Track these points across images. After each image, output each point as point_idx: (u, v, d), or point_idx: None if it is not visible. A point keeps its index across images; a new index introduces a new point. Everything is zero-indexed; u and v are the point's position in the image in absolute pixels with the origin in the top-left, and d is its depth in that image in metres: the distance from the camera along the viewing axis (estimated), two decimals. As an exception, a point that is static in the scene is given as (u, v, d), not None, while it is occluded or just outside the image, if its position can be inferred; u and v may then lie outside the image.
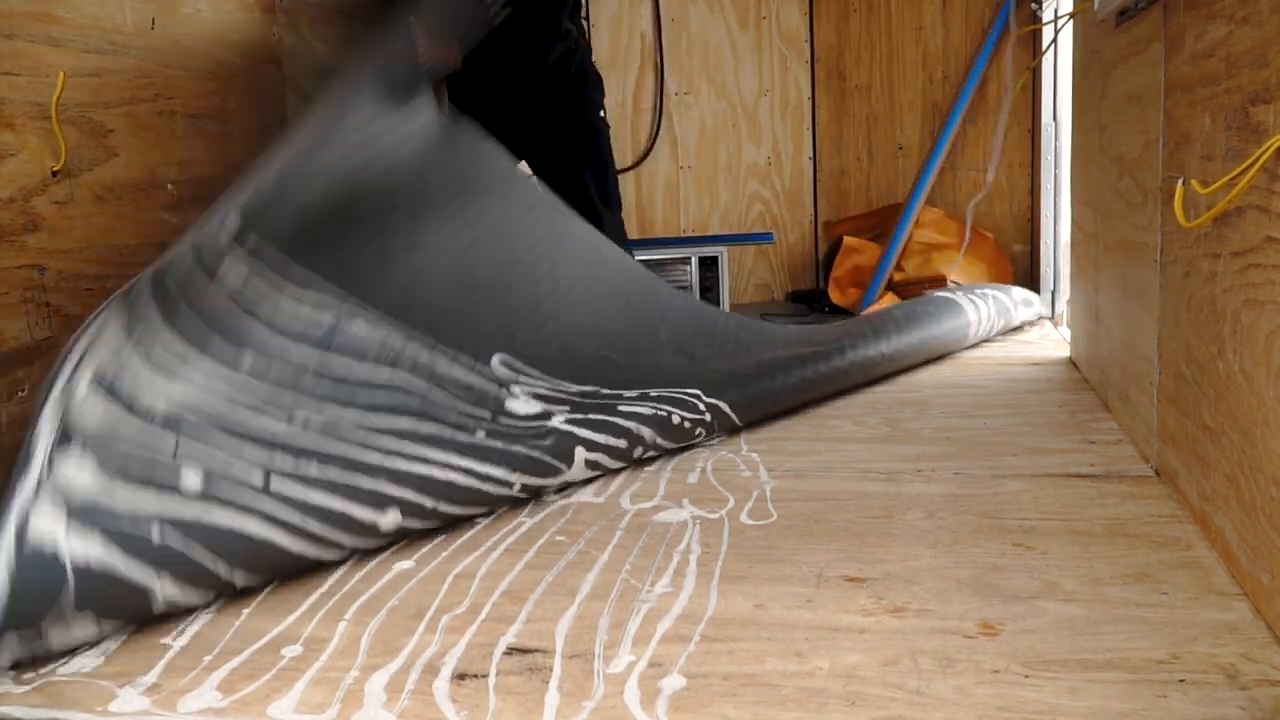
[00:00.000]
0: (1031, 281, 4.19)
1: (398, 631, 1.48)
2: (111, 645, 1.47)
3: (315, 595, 1.62)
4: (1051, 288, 4.00)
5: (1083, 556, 1.62)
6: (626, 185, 4.66)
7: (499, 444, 1.93)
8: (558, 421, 2.07)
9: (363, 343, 1.86)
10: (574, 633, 1.45)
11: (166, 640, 1.48)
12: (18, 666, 1.40)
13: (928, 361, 3.08)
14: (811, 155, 4.42)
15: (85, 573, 1.42)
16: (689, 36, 4.46)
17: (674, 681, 1.30)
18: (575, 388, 2.21)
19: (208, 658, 1.42)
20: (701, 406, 2.32)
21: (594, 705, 1.25)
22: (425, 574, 1.68)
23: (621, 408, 2.21)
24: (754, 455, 2.28)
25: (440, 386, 1.95)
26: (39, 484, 1.45)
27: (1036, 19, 3.95)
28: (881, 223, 4.21)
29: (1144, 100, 2.04)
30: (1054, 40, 3.64)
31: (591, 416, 2.13)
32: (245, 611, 1.57)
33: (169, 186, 2.07)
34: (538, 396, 2.11)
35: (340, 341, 1.83)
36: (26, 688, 1.36)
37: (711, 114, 4.51)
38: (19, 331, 1.72)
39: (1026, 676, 1.27)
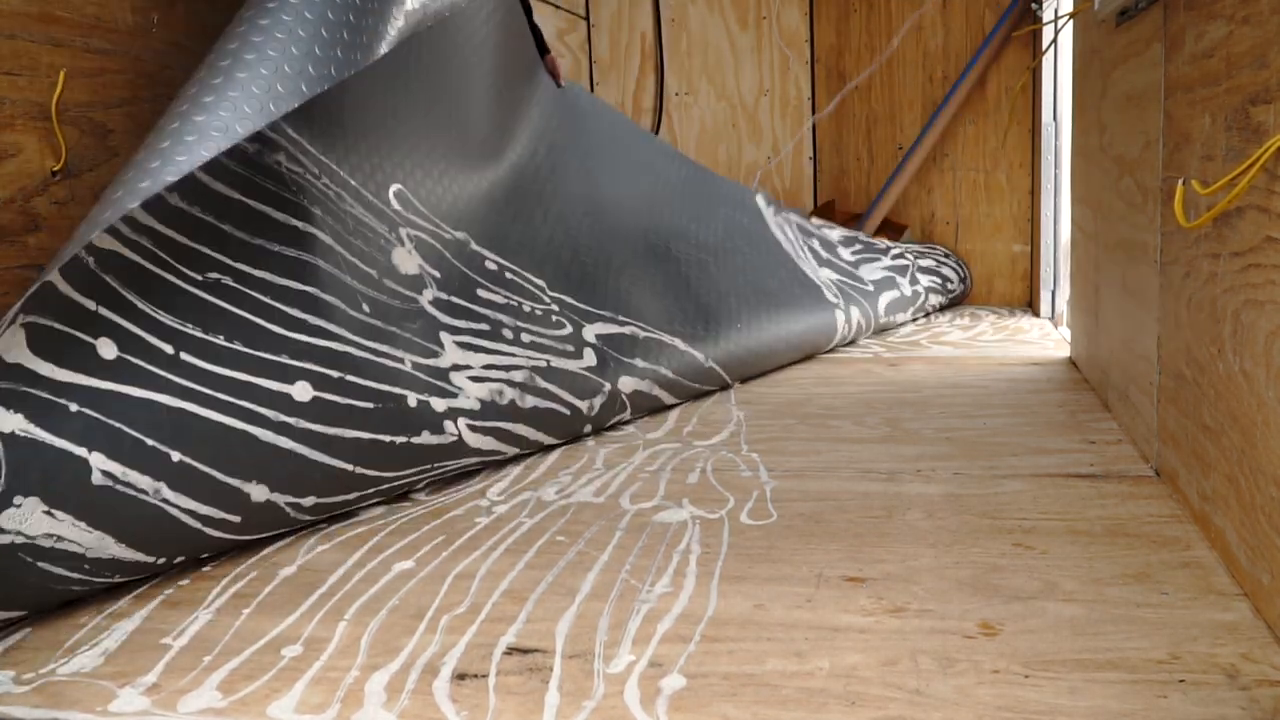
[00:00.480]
0: (1031, 281, 4.20)
1: (398, 631, 1.48)
2: (111, 645, 1.48)
3: (315, 595, 1.62)
4: (1051, 287, 4.01)
5: (1083, 556, 1.62)
6: (626, 185, 4.66)
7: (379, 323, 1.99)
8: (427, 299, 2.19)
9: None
10: (574, 633, 1.45)
11: (166, 640, 1.48)
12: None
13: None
14: (812, 155, 4.42)
15: (12, 440, 1.47)
16: (689, 36, 4.46)
17: (674, 681, 1.30)
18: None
19: (208, 658, 1.42)
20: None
21: (594, 705, 1.25)
22: (425, 574, 1.68)
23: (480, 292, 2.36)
24: (754, 455, 2.28)
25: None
26: None
27: (1036, 19, 3.95)
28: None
29: (1144, 100, 2.04)
30: (1054, 40, 3.64)
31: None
32: (245, 611, 1.57)
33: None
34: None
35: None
36: (26, 688, 1.36)
37: (711, 114, 4.51)
38: (19, 331, 1.72)
39: (1026, 676, 1.27)
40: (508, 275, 2.43)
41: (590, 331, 2.52)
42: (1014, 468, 2.09)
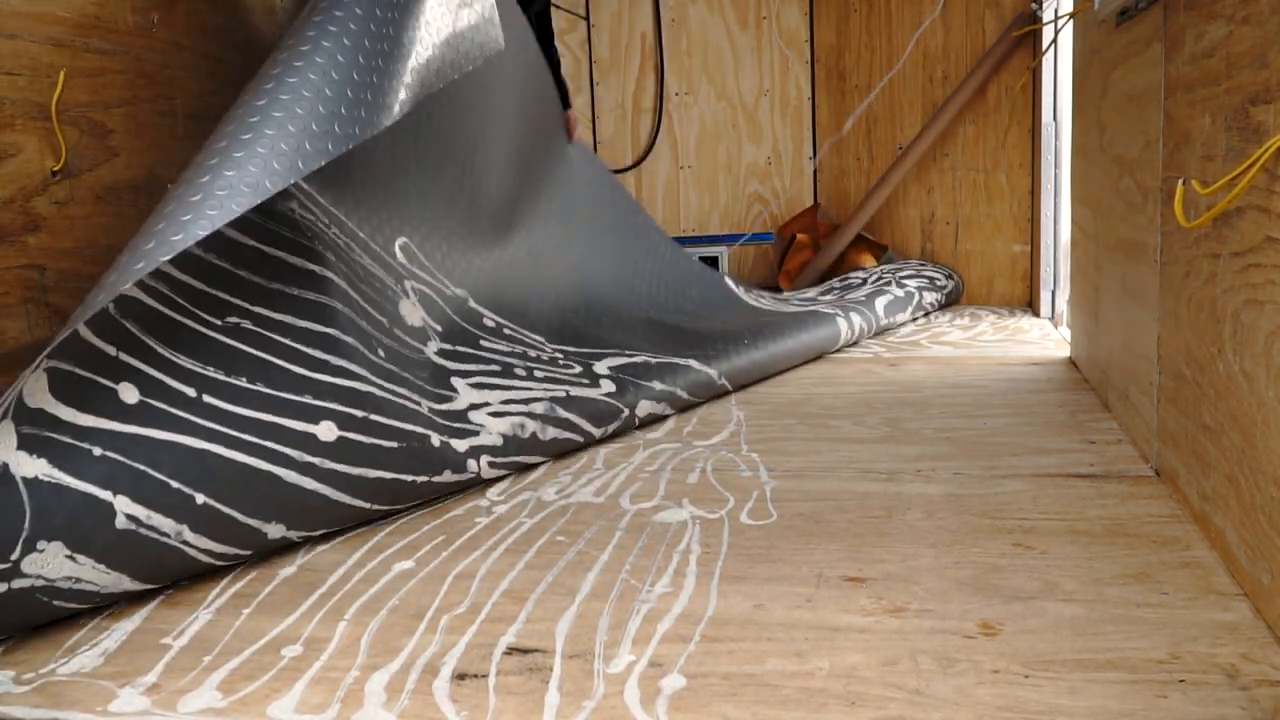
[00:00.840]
0: (1031, 281, 4.20)
1: (398, 631, 1.48)
2: (111, 645, 1.48)
3: (315, 595, 1.62)
4: (1051, 288, 4.01)
5: (1083, 556, 1.62)
6: (627, 185, 4.67)
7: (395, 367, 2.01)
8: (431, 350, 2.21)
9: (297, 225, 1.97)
10: (574, 633, 1.45)
11: (166, 640, 1.48)
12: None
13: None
14: (812, 155, 4.41)
15: (36, 485, 1.47)
16: (689, 36, 4.46)
17: (674, 681, 1.30)
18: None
19: (208, 658, 1.42)
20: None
21: (594, 705, 1.25)
22: (425, 574, 1.68)
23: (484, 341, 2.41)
24: (754, 455, 2.28)
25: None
26: None
27: (1037, 19, 3.95)
28: (830, 230, 4.28)
29: (1144, 100, 2.04)
30: (1054, 40, 3.64)
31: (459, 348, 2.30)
32: (245, 611, 1.57)
33: (169, 186, 2.07)
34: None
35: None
36: (26, 688, 1.36)
37: (711, 114, 4.51)
38: (19, 331, 1.72)
39: (1026, 676, 1.27)
40: (506, 331, 2.47)
41: (602, 365, 2.55)
42: (1014, 468, 2.09)
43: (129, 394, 1.63)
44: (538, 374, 2.39)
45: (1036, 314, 4.04)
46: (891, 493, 1.98)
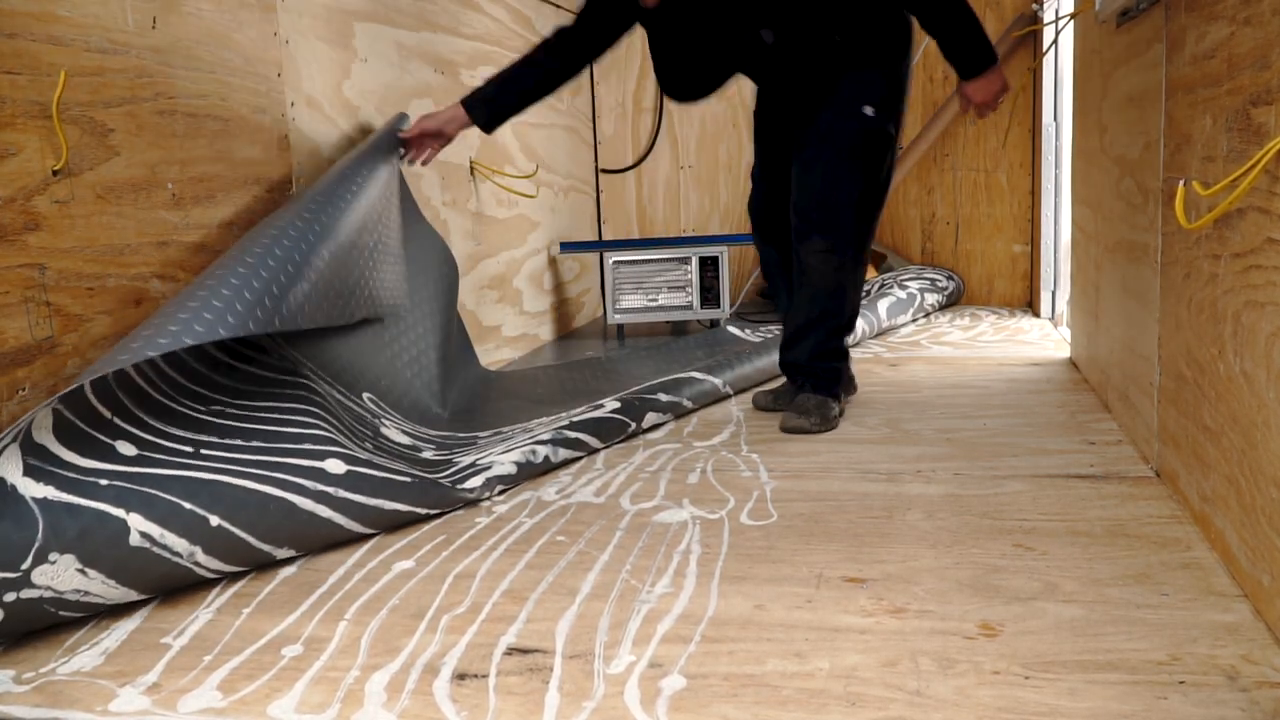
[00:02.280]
0: (1031, 281, 4.19)
1: (398, 631, 1.48)
2: (112, 644, 1.47)
3: (315, 595, 1.62)
4: (1051, 288, 4.01)
5: (1083, 557, 1.62)
6: (627, 185, 4.67)
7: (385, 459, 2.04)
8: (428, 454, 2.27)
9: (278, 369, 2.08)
10: (574, 633, 1.45)
11: (166, 640, 1.48)
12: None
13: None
14: (812, 155, 4.41)
15: (47, 504, 1.47)
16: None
17: (674, 682, 1.30)
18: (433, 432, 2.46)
19: (208, 657, 1.42)
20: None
21: (594, 705, 1.25)
22: (425, 574, 1.68)
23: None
24: (754, 455, 2.28)
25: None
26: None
27: (1037, 19, 3.95)
28: None
29: (1145, 101, 2.04)
30: (1055, 41, 3.64)
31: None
32: (245, 611, 1.57)
33: (169, 186, 2.07)
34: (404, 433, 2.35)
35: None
36: (26, 687, 1.36)
37: (711, 114, 4.50)
38: (19, 331, 1.72)
39: (1027, 678, 1.27)
40: (505, 431, 2.49)
41: (610, 403, 2.55)
42: (1014, 468, 2.09)
43: (127, 449, 1.64)
44: (535, 426, 2.46)
45: (1036, 314, 4.04)
46: (892, 493, 1.98)
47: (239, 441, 1.77)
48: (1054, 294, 3.98)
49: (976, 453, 2.21)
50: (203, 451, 1.71)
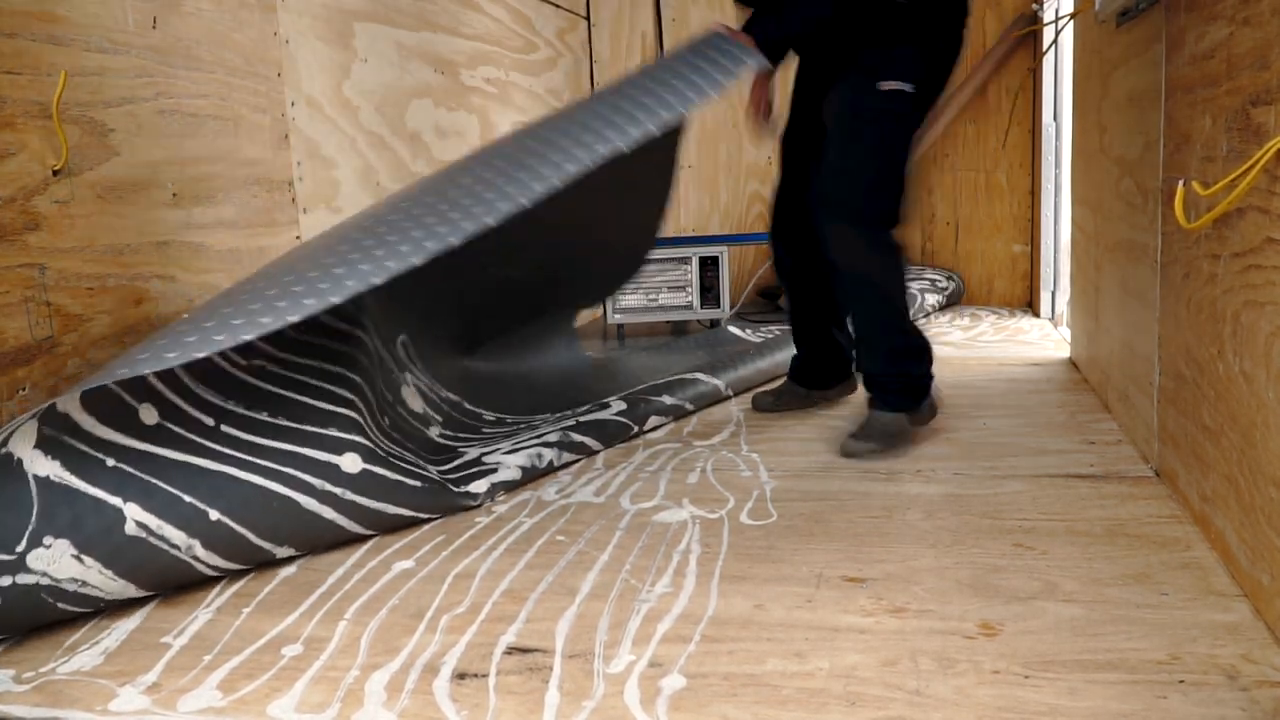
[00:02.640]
0: (1031, 281, 4.19)
1: (398, 631, 1.48)
2: (112, 644, 1.48)
3: (315, 595, 1.62)
4: (1051, 288, 4.01)
5: (1083, 557, 1.62)
6: (627, 185, 4.66)
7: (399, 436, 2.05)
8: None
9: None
10: (574, 632, 1.45)
11: (167, 639, 1.48)
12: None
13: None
14: (812, 155, 4.41)
15: (46, 484, 1.48)
16: (690, 36, 4.45)
17: (674, 681, 1.30)
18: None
19: (208, 657, 1.42)
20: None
21: (594, 705, 1.25)
22: (425, 574, 1.68)
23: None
24: (754, 455, 2.28)
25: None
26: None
27: (1037, 19, 3.95)
28: None
29: (1144, 101, 2.04)
30: (1054, 41, 3.64)
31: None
32: (245, 611, 1.57)
33: (169, 186, 2.07)
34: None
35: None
36: (26, 687, 1.36)
37: (712, 114, 4.50)
38: (19, 331, 1.72)
39: (1026, 677, 1.27)
40: (509, 420, 2.51)
41: (615, 404, 2.57)
42: (1014, 468, 2.09)
43: (149, 414, 1.64)
44: (538, 420, 2.47)
45: (1036, 314, 4.04)
46: (891, 493, 1.98)
47: (264, 416, 1.75)
48: (1054, 294, 3.98)
49: (976, 453, 2.21)
50: (222, 427, 1.70)
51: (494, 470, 2.09)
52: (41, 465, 1.50)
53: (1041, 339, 3.54)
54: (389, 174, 2.94)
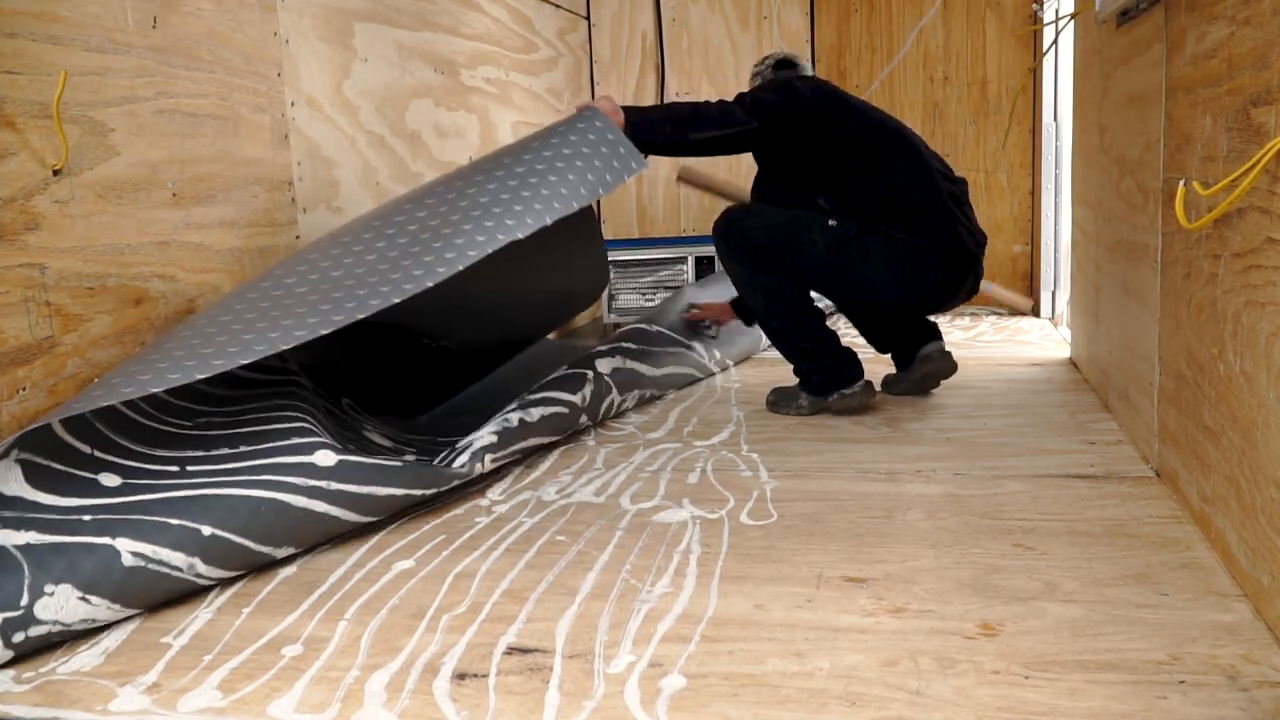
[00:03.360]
0: (1031, 281, 4.19)
1: (398, 631, 1.48)
2: (112, 644, 1.47)
3: (315, 595, 1.62)
4: (1051, 288, 4.01)
5: (1083, 557, 1.62)
6: (627, 184, 4.66)
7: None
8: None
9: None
10: (574, 633, 1.45)
11: (167, 639, 1.48)
12: (18, 662, 1.41)
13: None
14: (812, 155, 4.41)
15: (29, 549, 1.47)
16: (690, 36, 4.46)
17: (674, 681, 1.30)
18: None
19: (208, 657, 1.42)
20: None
21: (594, 705, 1.25)
22: (425, 574, 1.68)
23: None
24: (754, 455, 2.28)
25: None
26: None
27: (1037, 19, 3.95)
28: None
29: (1145, 101, 2.04)
30: (1055, 41, 3.64)
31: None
32: (245, 611, 1.57)
33: (169, 186, 2.07)
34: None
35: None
36: (26, 687, 1.36)
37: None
38: (19, 331, 1.72)
39: (1027, 677, 1.27)
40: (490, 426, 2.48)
41: (604, 364, 2.60)
42: (1014, 468, 2.09)
43: (110, 480, 1.64)
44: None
45: (1036, 314, 4.04)
46: (892, 493, 1.98)
47: (225, 450, 1.76)
48: (1054, 294, 3.98)
49: (976, 453, 2.21)
50: (188, 469, 1.70)
51: (469, 445, 2.08)
52: (17, 538, 1.48)
53: (1041, 339, 3.54)
54: (389, 174, 2.94)
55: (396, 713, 1.26)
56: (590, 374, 2.51)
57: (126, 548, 1.52)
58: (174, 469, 1.70)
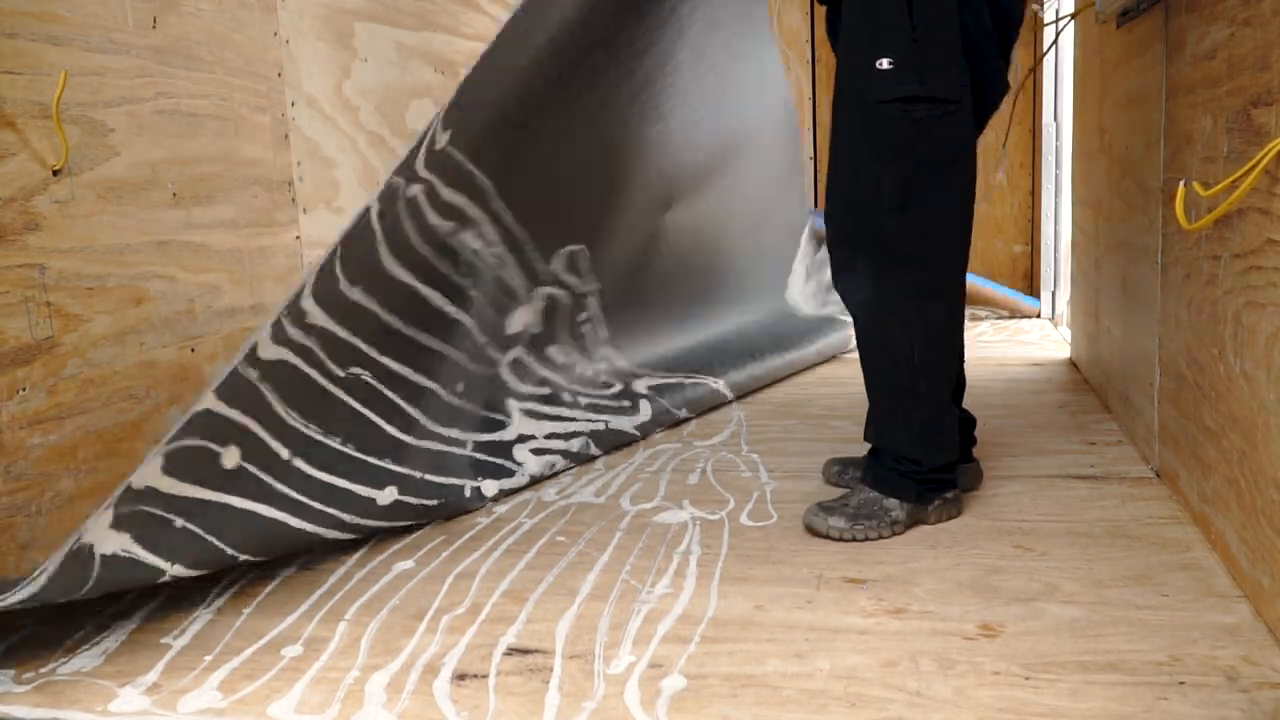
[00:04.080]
0: (1031, 282, 4.19)
1: (398, 631, 1.48)
2: (112, 644, 1.47)
3: (315, 595, 1.62)
4: (1051, 288, 4.01)
5: (1083, 558, 1.62)
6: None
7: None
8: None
9: None
10: (574, 633, 1.45)
11: (166, 640, 1.48)
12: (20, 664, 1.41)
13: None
14: (812, 155, 4.41)
15: (110, 561, 1.47)
16: None
17: (674, 682, 1.30)
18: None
19: (208, 657, 1.42)
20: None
21: (594, 706, 1.25)
22: (425, 574, 1.68)
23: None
24: (754, 456, 2.28)
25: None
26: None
27: (1037, 19, 3.95)
28: None
29: (1145, 101, 2.04)
30: (1055, 41, 3.64)
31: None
32: (245, 611, 1.57)
33: (169, 186, 2.07)
34: None
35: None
36: (26, 687, 1.36)
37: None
38: (19, 331, 1.72)
39: (1027, 678, 1.27)
40: (583, 328, 2.54)
41: (641, 384, 2.60)
42: (1014, 469, 2.09)
43: (230, 458, 1.64)
44: (582, 400, 2.44)
45: (1036, 315, 4.04)
46: (892, 493, 1.97)
47: (335, 443, 1.83)
48: (1054, 294, 3.98)
49: (976, 453, 2.21)
50: (294, 463, 1.75)
51: (511, 474, 2.10)
52: (112, 542, 1.47)
53: (1041, 339, 3.54)
54: (389, 174, 2.93)
55: (396, 713, 1.26)
56: (639, 437, 2.46)
57: (173, 572, 1.54)
58: (284, 454, 1.74)
